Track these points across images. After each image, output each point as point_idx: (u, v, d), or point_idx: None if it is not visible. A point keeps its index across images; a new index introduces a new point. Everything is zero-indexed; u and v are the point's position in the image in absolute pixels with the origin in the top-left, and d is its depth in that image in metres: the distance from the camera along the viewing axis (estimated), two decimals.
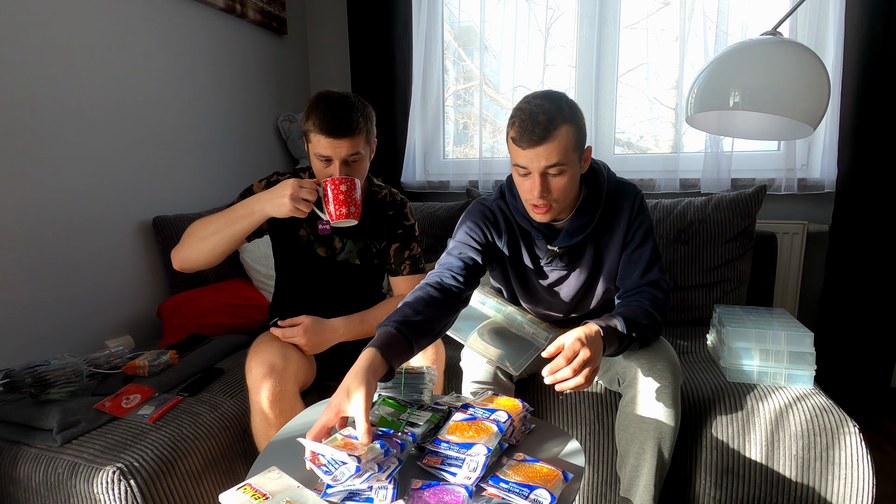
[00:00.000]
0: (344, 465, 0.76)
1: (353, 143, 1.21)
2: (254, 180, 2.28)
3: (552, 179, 1.08)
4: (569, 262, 1.23)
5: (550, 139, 1.04)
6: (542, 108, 1.04)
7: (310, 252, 1.37)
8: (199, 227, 1.26)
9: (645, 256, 1.19)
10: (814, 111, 1.15)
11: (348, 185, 1.19)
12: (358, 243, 1.38)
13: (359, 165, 1.26)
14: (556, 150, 1.05)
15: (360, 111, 1.22)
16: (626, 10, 2.17)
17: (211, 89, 2.07)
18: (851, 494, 1.17)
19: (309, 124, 1.21)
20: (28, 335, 1.46)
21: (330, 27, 2.57)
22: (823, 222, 2.01)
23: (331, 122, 1.18)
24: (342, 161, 1.22)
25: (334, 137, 1.19)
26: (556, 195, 1.09)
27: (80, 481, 1.05)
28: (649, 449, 1.12)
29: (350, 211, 1.20)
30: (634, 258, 1.20)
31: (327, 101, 1.20)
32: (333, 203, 1.19)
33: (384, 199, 1.42)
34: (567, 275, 1.25)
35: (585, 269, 1.24)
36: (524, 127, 1.04)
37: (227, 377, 1.42)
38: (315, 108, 1.20)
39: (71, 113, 1.55)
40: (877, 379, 1.92)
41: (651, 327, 1.11)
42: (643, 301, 1.14)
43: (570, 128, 1.05)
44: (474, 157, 2.44)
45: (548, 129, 1.03)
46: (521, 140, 1.06)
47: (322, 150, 1.21)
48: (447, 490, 0.77)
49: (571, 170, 1.08)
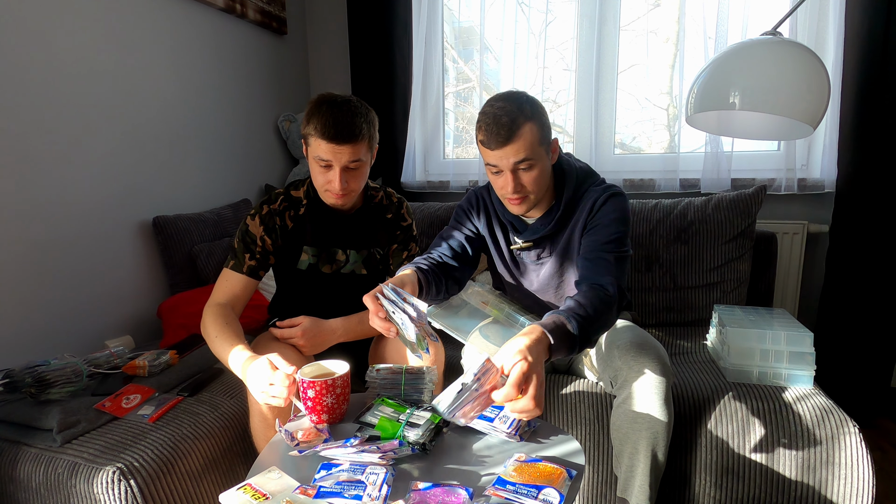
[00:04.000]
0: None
1: (356, 149, 1.19)
2: (253, 181, 2.31)
3: (523, 174, 1.15)
4: (538, 257, 1.31)
5: (515, 138, 1.10)
6: (504, 109, 1.11)
7: (314, 272, 1.35)
8: (206, 336, 1.22)
9: (604, 260, 1.13)
10: (814, 111, 1.15)
11: (316, 390, 0.98)
12: (361, 252, 1.37)
13: (359, 172, 1.24)
14: (522, 147, 1.11)
15: (363, 116, 1.20)
16: (626, 11, 2.17)
17: (211, 89, 2.07)
18: (851, 494, 1.17)
19: (310, 128, 1.18)
20: (28, 335, 1.46)
21: (330, 27, 2.57)
22: (823, 222, 2.01)
23: (333, 127, 1.15)
24: (343, 168, 1.20)
25: (336, 143, 1.16)
26: (529, 188, 1.16)
27: (80, 481, 1.05)
28: (642, 449, 1.12)
29: (322, 418, 1.00)
30: (590, 253, 1.16)
31: (330, 105, 1.18)
32: (311, 410, 1.01)
33: (381, 202, 1.40)
34: (538, 268, 1.33)
35: (555, 265, 1.30)
36: (490, 130, 1.11)
37: (227, 377, 1.42)
38: (317, 112, 1.17)
39: (71, 113, 1.55)
40: (877, 379, 1.92)
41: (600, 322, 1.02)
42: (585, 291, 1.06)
43: (532, 125, 1.12)
44: (474, 157, 2.44)
45: (511, 129, 1.10)
46: (488, 142, 1.12)
47: (323, 155, 1.18)
48: (448, 491, 0.77)
49: (540, 163, 1.15)
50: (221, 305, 1.25)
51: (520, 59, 2.26)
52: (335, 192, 1.22)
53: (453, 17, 2.49)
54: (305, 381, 0.97)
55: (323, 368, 1.04)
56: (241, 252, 1.29)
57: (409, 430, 0.92)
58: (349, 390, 1.03)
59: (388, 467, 0.81)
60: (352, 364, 1.05)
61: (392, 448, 0.84)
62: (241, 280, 1.29)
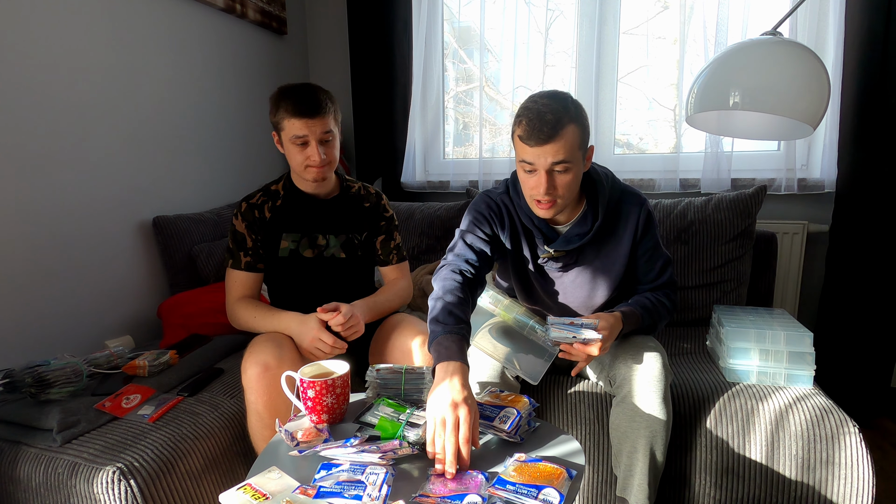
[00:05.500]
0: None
1: (325, 121, 1.28)
2: (253, 181, 2.31)
3: (558, 176, 1.12)
4: (564, 266, 1.27)
5: (558, 138, 1.08)
6: (549, 107, 1.08)
7: (296, 258, 1.40)
8: (244, 324, 1.36)
9: (659, 263, 1.28)
10: (814, 111, 1.15)
11: (316, 390, 0.98)
12: (340, 237, 1.43)
13: (333, 143, 1.32)
14: (562, 148, 1.08)
15: (324, 93, 1.31)
16: (626, 12, 2.17)
17: (211, 89, 2.07)
18: (851, 494, 1.17)
19: (281, 113, 1.28)
20: (28, 335, 1.46)
21: (330, 27, 2.57)
22: (823, 222, 2.01)
23: (303, 103, 1.25)
24: (318, 140, 1.28)
25: (309, 117, 1.26)
26: (561, 191, 1.13)
27: (80, 481, 1.05)
28: (641, 448, 1.12)
29: (322, 418, 1.01)
30: (648, 265, 1.28)
31: (293, 89, 1.29)
32: (311, 410, 1.02)
33: (358, 192, 1.48)
34: (563, 277, 1.29)
35: (585, 275, 1.28)
36: (532, 125, 1.08)
37: (227, 377, 1.42)
38: (283, 97, 1.27)
39: (71, 113, 1.55)
40: (877, 379, 1.92)
41: (661, 315, 1.25)
42: (660, 295, 1.27)
43: (576, 127, 1.10)
44: (474, 157, 2.44)
45: (555, 128, 1.07)
46: (528, 138, 1.09)
47: (298, 132, 1.27)
48: (465, 476, 0.80)
49: (576, 168, 1.13)
50: (241, 298, 1.37)
51: (520, 59, 2.26)
52: (315, 163, 1.30)
53: (453, 16, 2.49)
54: (305, 381, 0.97)
55: (323, 368, 1.04)
56: (235, 251, 1.37)
57: (409, 430, 0.92)
58: (349, 390, 1.03)
59: (388, 467, 0.81)
60: (352, 364, 1.05)
61: (392, 448, 0.84)
62: (242, 275, 1.37)
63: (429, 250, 2.08)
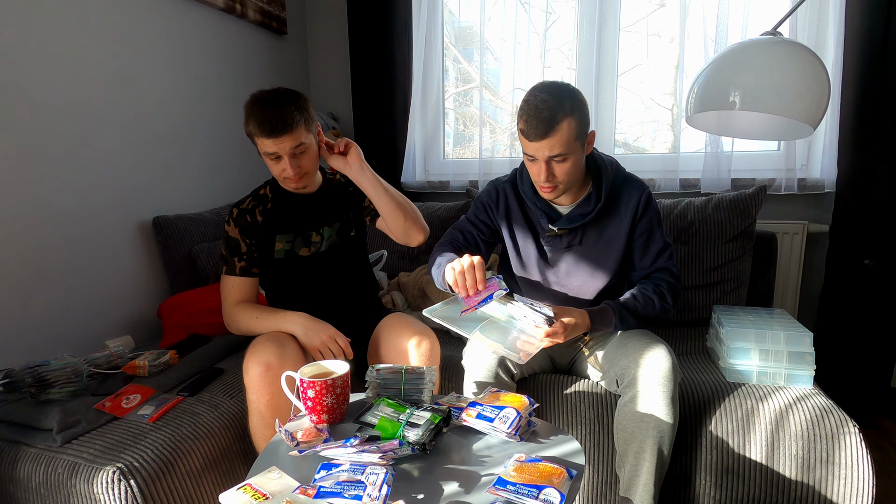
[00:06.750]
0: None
1: (294, 136, 1.25)
2: (253, 181, 2.30)
3: (556, 166, 1.19)
4: (567, 246, 1.31)
5: (553, 134, 1.14)
6: (546, 103, 1.14)
7: (292, 258, 1.40)
8: (245, 327, 1.36)
9: (655, 246, 1.31)
10: (814, 111, 1.15)
11: (316, 390, 0.98)
12: (334, 226, 1.44)
13: (307, 154, 1.30)
14: (558, 142, 1.15)
15: (292, 104, 1.25)
16: (626, 12, 2.17)
17: (211, 89, 2.07)
18: (851, 494, 1.17)
19: (250, 128, 1.25)
20: (28, 335, 1.46)
21: (330, 27, 2.57)
22: (823, 222, 2.00)
23: (268, 122, 1.22)
24: (289, 155, 1.26)
25: (276, 137, 1.23)
26: (560, 178, 1.21)
27: (80, 481, 1.05)
28: (648, 448, 1.12)
29: (322, 418, 1.01)
30: (644, 248, 1.31)
31: (261, 104, 1.24)
32: (311, 410, 1.02)
33: (340, 180, 1.49)
34: (565, 257, 1.34)
35: (587, 257, 1.32)
36: (529, 122, 1.15)
37: (227, 377, 1.42)
38: (251, 113, 1.24)
39: (71, 113, 1.55)
40: (877, 379, 1.92)
41: (647, 308, 1.26)
42: (648, 285, 1.28)
43: (571, 120, 1.15)
44: (474, 157, 2.44)
45: (550, 124, 1.13)
46: (527, 133, 1.17)
47: (268, 149, 1.26)
48: (484, 291, 1.08)
49: (574, 156, 1.19)
50: (238, 303, 1.36)
51: (520, 59, 2.26)
52: (291, 177, 1.30)
53: (453, 17, 2.49)
54: (305, 381, 0.97)
55: (323, 368, 1.04)
56: (229, 257, 1.37)
57: (409, 430, 0.92)
58: (349, 390, 1.03)
59: (388, 467, 0.81)
60: (352, 364, 1.05)
61: (392, 448, 0.84)
62: (238, 281, 1.36)
63: (429, 250, 2.08)
